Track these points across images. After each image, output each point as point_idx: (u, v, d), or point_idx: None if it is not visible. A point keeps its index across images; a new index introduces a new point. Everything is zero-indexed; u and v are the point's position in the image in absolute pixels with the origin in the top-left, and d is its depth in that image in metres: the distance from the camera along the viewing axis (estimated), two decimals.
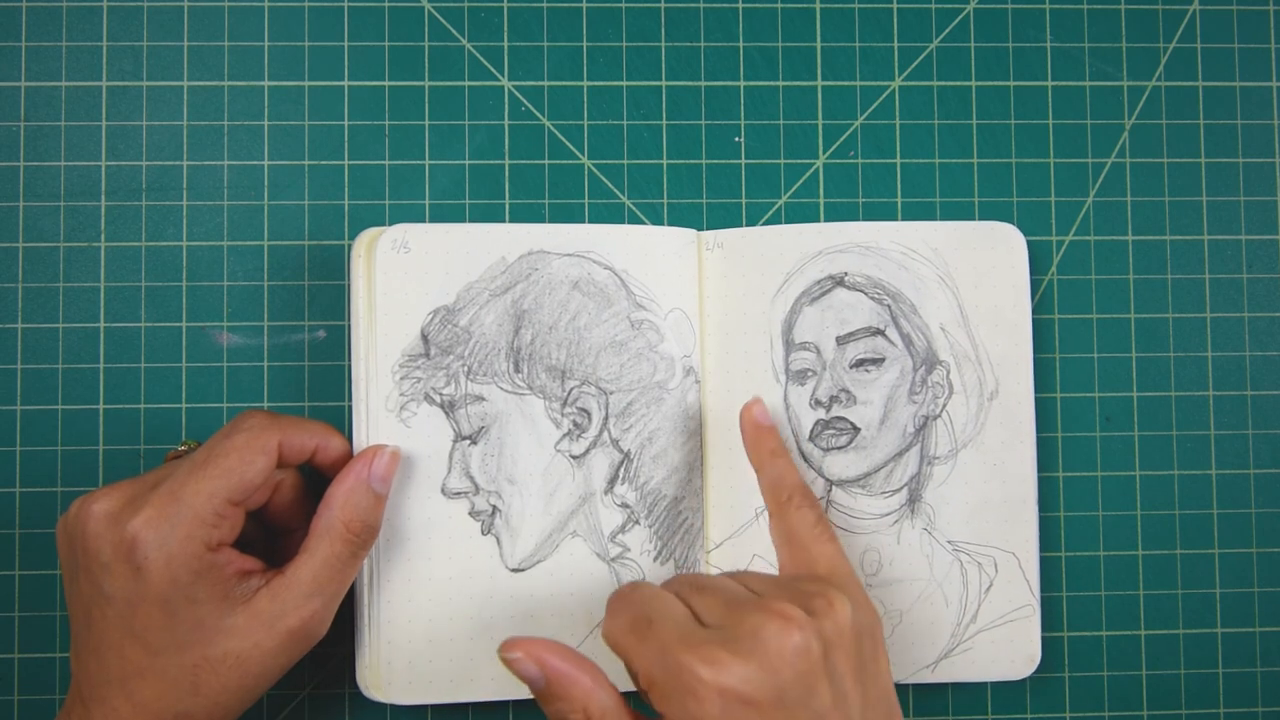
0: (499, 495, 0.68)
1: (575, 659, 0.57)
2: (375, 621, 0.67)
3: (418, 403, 0.68)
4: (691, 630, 0.55)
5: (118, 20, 0.72)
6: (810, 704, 0.54)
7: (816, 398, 0.70)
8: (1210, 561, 0.73)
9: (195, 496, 0.58)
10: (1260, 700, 0.72)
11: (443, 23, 0.73)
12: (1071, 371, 0.73)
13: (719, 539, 0.70)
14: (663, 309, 0.70)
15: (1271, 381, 0.73)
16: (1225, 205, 0.74)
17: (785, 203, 0.73)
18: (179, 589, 0.58)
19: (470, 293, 0.68)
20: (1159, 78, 0.74)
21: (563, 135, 0.73)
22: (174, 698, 0.59)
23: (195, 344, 0.71)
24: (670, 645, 0.54)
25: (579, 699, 0.56)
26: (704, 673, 0.53)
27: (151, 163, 0.72)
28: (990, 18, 0.74)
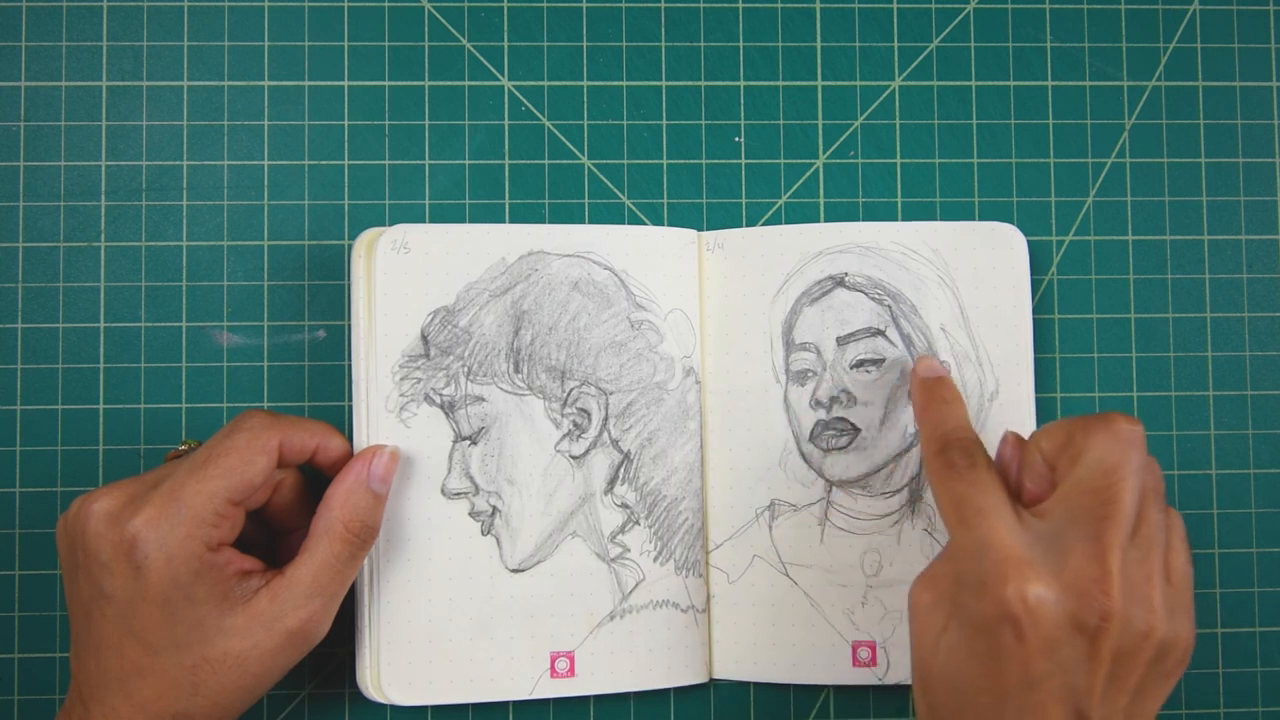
0: (499, 495, 0.68)
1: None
2: (375, 622, 0.67)
3: (418, 403, 0.68)
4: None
5: (118, 20, 0.72)
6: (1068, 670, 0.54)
7: (817, 398, 0.70)
8: (1210, 561, 0.73)
9: (195, 496, 0.58)
10: (1260, 700, 0.72)
11: (443, 23, 0.73)
12: (1071, 371, 0.73)
13: (719, 539, 0.70)
14: (663, 309, 0.70)
15: (1271, 381, 0.73)
16: (1225, 205, 0.74)
17: (785, 203, 0.73)
18: (179, 589, 0.58)
19: (470, 293, 0.68)
20: (1159, 78, 0.74)
21: (563, 135, 0.73)
22: (173, 698, 0.59)
23: (195, 344, 0.71)
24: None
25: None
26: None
27: (151, 163, 0.72)
28: (990, 18, 0.74)
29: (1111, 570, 0.54)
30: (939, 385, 0.66)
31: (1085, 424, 0.58)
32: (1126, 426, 0.58)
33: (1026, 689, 0.54)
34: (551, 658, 0.68)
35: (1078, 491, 0.57)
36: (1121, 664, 0.55)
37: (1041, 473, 0.60)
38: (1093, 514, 0.56)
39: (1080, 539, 0.55)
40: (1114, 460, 0.57)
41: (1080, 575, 0.54)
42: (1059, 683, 0.54)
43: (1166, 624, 0.55)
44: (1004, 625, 0.54)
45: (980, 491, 0.58)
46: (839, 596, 0.70)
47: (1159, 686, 0.57)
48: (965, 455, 0.60)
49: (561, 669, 0.68)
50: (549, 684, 0.68)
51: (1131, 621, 0.54)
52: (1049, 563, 0.55)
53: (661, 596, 0.69)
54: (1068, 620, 0.54)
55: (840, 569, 0.70)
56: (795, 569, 0.70)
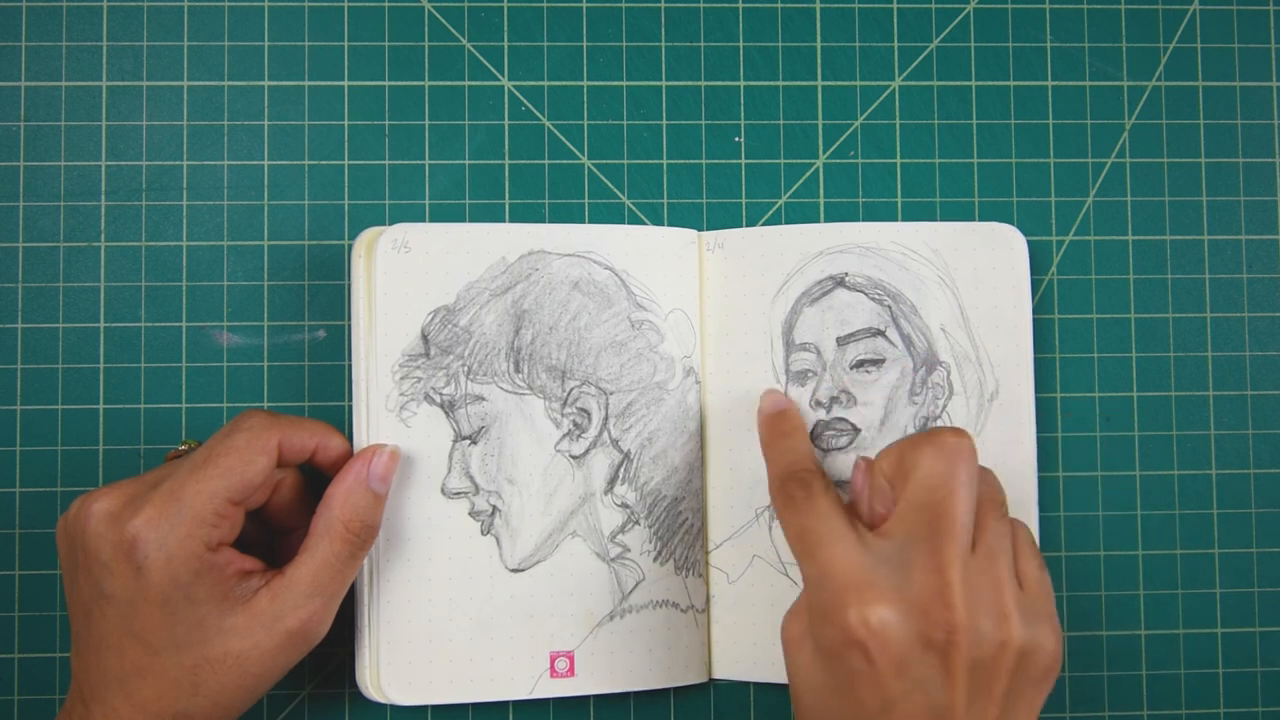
0: (499, 495, 0.68)
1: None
2: (375, 621, 0.67)
3: (418, 402, 0.68)
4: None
5: (118, 20, 0.72)
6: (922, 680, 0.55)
7: (817, 398, 0.70)
8: (1210, 561, 0.73)
9: (195, 496, 0.58)
10: (1260, 700, 0.72)
11: (443, 23, 0.73)
12: (1071, 371, 0.73)
13: (719, 539, 0.70)
14: (663, 309, 0.70)
15: (1271, 381, 0.73)
16: (1225, 205, 0.74)
17: (785, 203, 0.73)
18: (179, 589, 0.58)
19: (470, 293, 0.68)
20: (1159, 78, 0.74)
21: (563, 135, 0.73)
22: (174, 697, 0.59)
23: (195, 344, 0.71)
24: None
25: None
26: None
27: (151, 163, 0.72)
28: (990, 18, 0.74)
29: (952, 583, 0.55)
30: (779, 419, 0.67)
31: (914, 442, 0.60)
32: (952, 440, 0.59)
33: (885, 713, 0.55)
34: (551, 657, 0.68)
35: (910, 509, 0.58)
36: (980, 675, 0.55)
37: (885, 494, 0.61)
38: (927, 529, 0.57)
39: (918, 555, 0.56)
40: (941, 474, 0.58)
41: (922, 592, 0.55)
42: (918, 702, 0.54)
43: (1023, 630, 0.56)
44: (851, 650, 0.55)
45: (818, 520, 0.59)
46: None
47: (1030, 695, 0.57)
48: (802, 486, 0.61)
49: (561, 669, 0.68)
50: (549, 684, 0.68)
51: (981, 632, 0.55)
52: (891, 583, 0.56)
53: (661, 596, 0.69)
54: (915, 638, 0.54)
55: None
56: (795, 569, 0.70)
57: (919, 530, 0.57)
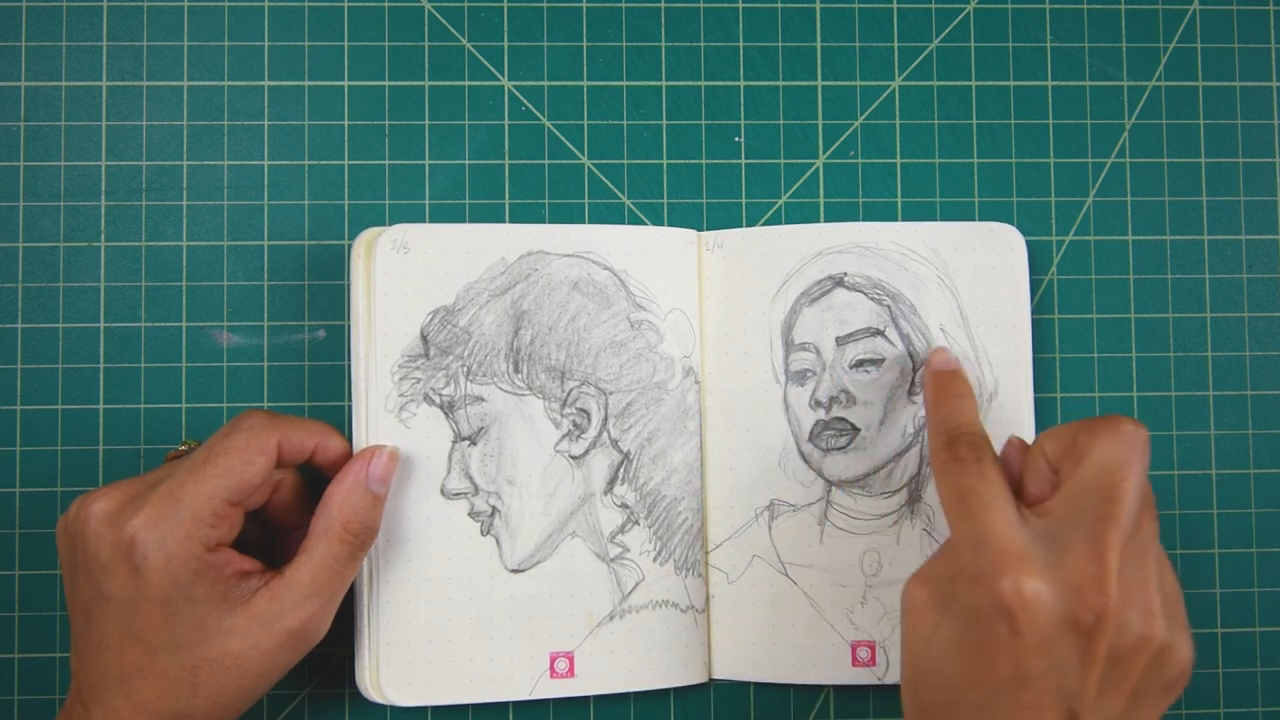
0: (498, 496, 0.68)
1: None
2: (375, 622, 0.67)
3: (417, 403, 0.68)
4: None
5: (118, 20, 0.72)
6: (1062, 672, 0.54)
7: (816, 398, 0.70)
8: (1210, 561, 0.73)
9: (194, 497, 0.58)
10: (1260, 700, 0.72)
11: (443, 23, 0.73)
12: (1071, 371, 0.73)
13: (719, 539, 0.70)
14: (662, 309, 0.70)
15: (1271, 381, 0.73)
16: (1225, 205, 0.74)
17: (785, 203, 0.73)
18: (178, 589, 0.58)
19: (470, 293, 0.68)
20: (1159, 78, 0.74)
21: (563, 135, 0.73)
22: (173, 698, 0.59)
23: (195, 344, 0.71)
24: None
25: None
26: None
27: (151, 163, 0.72)
28: (990, 18, 0.74)
29: (1110, 569, 0.54)
30: (952, 379, 0.66)
31: (1091, 426, 0.58)
32: (1132, 429, 0.57)
33: (1018, 686, 0.54)
34: (551, 658, 0.68)
35: (1080, 491, 0.57)
36: (1116, 667, 0.54)
37: (1044, 475, 0.60)
38: (1094, 513, 0.55)
39: (1080, 538, 0.55)
40: (1118, 461, 0.56)
41: (1078, 573, 0.54)
42: (1052, 682, 0.54)
43: (1165, 630, 0.55)
44: (998, 618, 0.54)
45: (985, 484, 0.58)
46: (838, 596, 0.70)
47: (1157, 698, 0.56)
48: (973, 449, 0.60)
49: (561, 669, 0.68)
50: (548, 684, 0.68)
51: (1128, 623, 0.54)
52: (1048, 559, 0.55)
53: (661, 596, 0.69)
54: (1063, 617, 0.53)
55: (840, 569, 0.70)
56: (795, 569, 0.70)
57: (1085, 513, 0.56)
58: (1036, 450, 0.61)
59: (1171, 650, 0.55)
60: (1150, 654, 0.55)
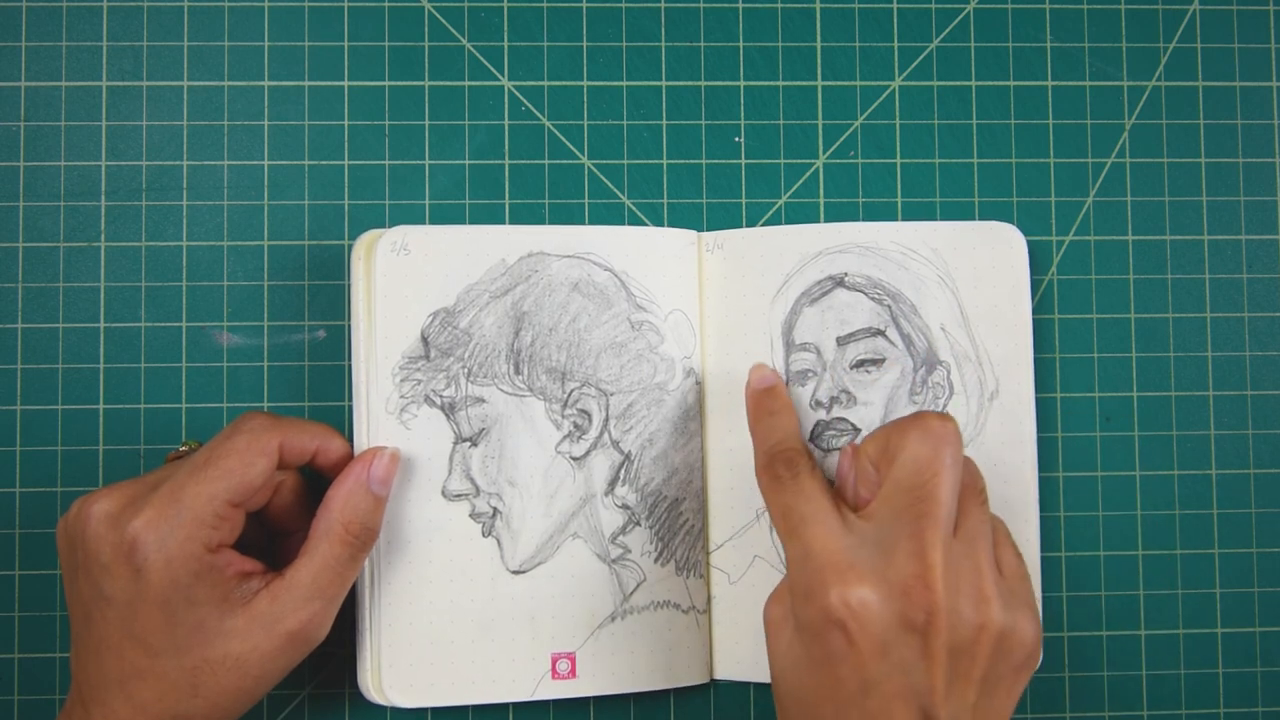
0: (499, 497, 0.68)
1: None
2: (376, 624, 0.67)
3: (418, 405, 0.68)
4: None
5: (118, 20, 0.72)
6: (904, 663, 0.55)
7: (817, 398, 0.70)
8: (1210, 561, 0.73)
9: (195, 498, 0.58)
10: (1260, 700, 0.72)
11: (443, 23, 0.73)
12: (1071, 371, 0.73)
13: (720, 540, 0.70)
14: (663, 310, 0.70)
15: (1271, 381, 0.73)
16: (1225, 205, 0.74)
17: (785, 203, 0.73)
18: (179, 590, 0.58)
19: (470, 295, 0.68)
20: (1159, 78, 0.74)
21: (563, 135, 0.73)
22: (173, 699, 0.59)
23: (195, 344, 0.71)
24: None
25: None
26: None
27: (151, 163, 0.72)
28: (990, 18, 0.74)
29: (933, 565, 0.55)
30: (767, 396, 0.67)
31: (900, 425, 0.60)
32: (937, 424, 0.59)
33: (864, 694, 0.55)
34: (553, 659, 0.68)
35: (895, 491, 0.58)
36: (960, 659, 0.55)
37: (871, 478, 0.61)
38: (911, 512, 0.57)
39: (901, 538, 0.56)
40: (926, 457, 0.57)
41: (903, 573, 0.55)
42: (898, 684, 0.54)
43: (1002, 614, 0.56)
44: (832, 630, 0.55)
45: (804, 500, 0.59)
46: None
47: (1010, 682, 0.57)
48: (788, 466, 0.62)
49: (563, 670, 0.68)
50: (550, 685, 0.68)
51: (961, 615, 0.55)
52: (873, 565, 0.56)
53: (662, 597, 0.69)
54: (895, 620, 0.54)
55: None
56: None
57: (902, 512, 0.57)
58: (861, 454, 0.62)
59: (1013, 632, 0.56)
60: (991, 640, 0.56)
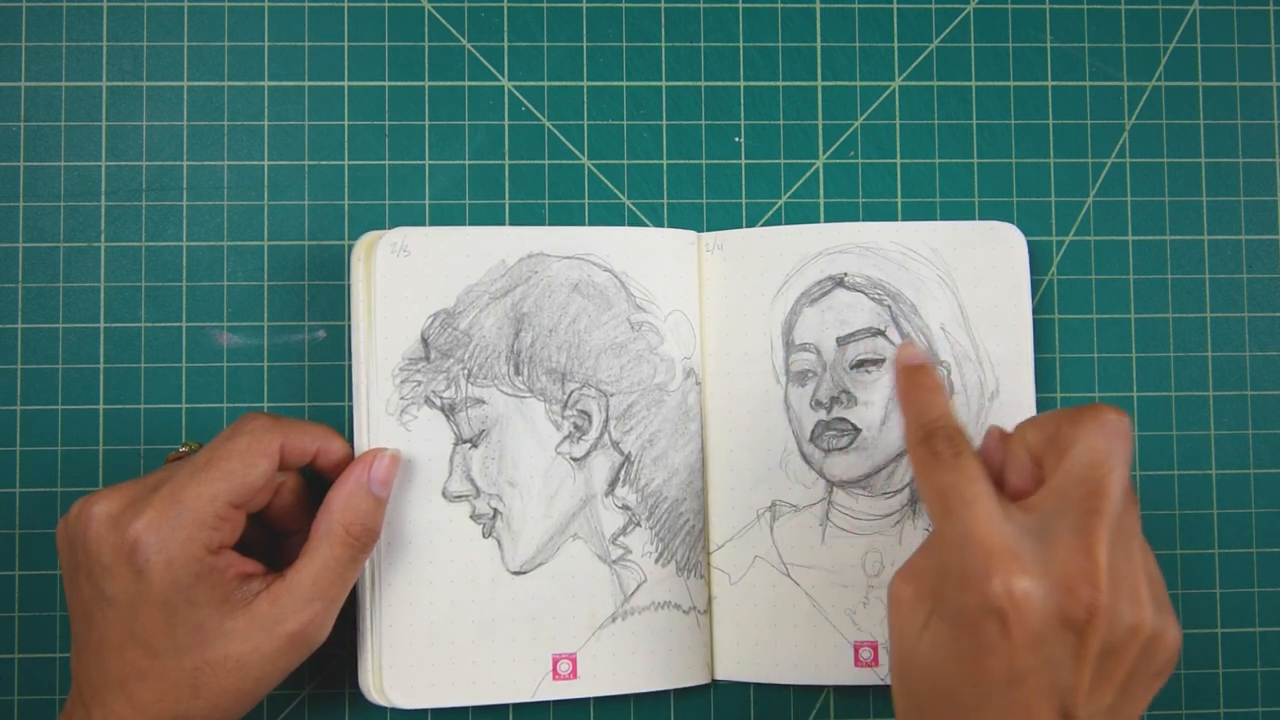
0: (500, 498, 0.68)
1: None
2: (377, 625, 0.67)
3: (418, 406, 0.68)
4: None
5: (118, 20, 0.72)
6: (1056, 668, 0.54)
7: (817, 399, 0.70)
8: (1210, 561, 0.73)
9: (197, 499, 0.58)
10: (1260, 700, 0.72)
11: (443, 23, 0.73)
12: (1071, 371, 0.73)
13: (720, 540, 0.71)
14: (663, 311, 0.70)
15: (1271, 381, 0.73)
16: (1225, 205, 0.74)
17: (785, 203, 0.73)
18: (179, 591, 0.58)
19: (470, 296, 0.68)
20: (1159, 78, 0.74)
21: (563, 135, 0.73)
22: (174, 700, 0.59)
23: (195, 344, 0.71)
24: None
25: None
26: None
27: (151, 163, 0.72)
28: (990, 18, 0.74)
29: (1099, 564, 0.53)
30: (920, 373, 0.64)
31: (1073, 416, 0.57)
32: (1114, 419, 0.57)
33: (1011, 685, 0.53)
34: (553, 660, 0.68)
35: (1065, 483, 0.56)
36: (1108, 660, 0.54)
37: (1026, 467, 0.59)
38: (1080, 507, 0.55)
39: (1067, 532, 0.54)
40: (1102, 452, 0.56)
41: (1067, 569, 0.53)
42: (1044, 679, 0.53)
43: (1155, 618, 0.54)
44: (989, 619, 0.53)
45: (965, 481, 0.57)
46: (841, 597, 0.70)
47: (1147, 686, 0.56)
48: (949, 444, 0.59)
49: (564, 671, 0.68)
50: (551, 686, 0.68)
51: (1119, 616, 0.53)
52: (1035, 556, 0.54)
53: (663, 598, 0.69)
54: (1055, 615, 0.53)
55: (842, 569, 0.70)
56: (797, 569, 0.70)
57: (1071, 506, 0.55)
58: (1017, 441, 0.60)
59: (1161, 637, 0.55)
60: (1141, 643, 0.54)
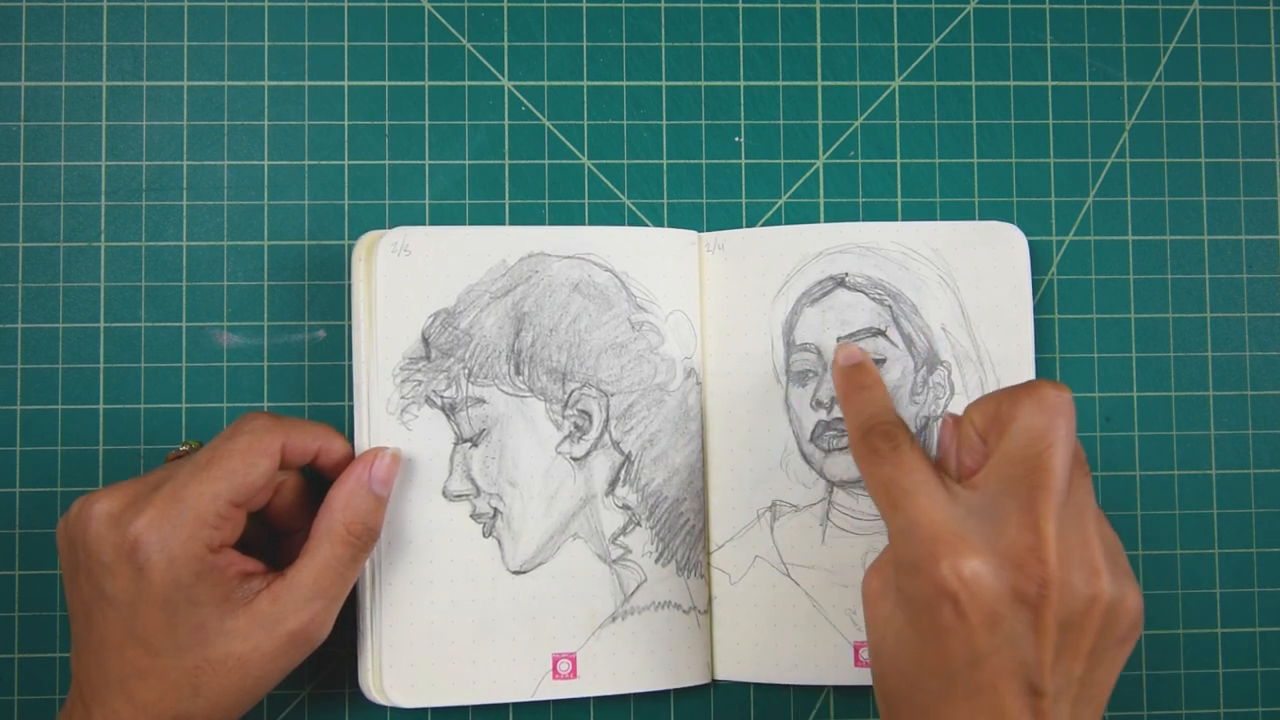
0: (500, 498, 0.68)
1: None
2: (377, 624, 0.67)
3: (419, 405, 0.68)
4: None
5: (118, 20, 0.72)
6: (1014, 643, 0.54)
7: (818, 399, 0.70)
8: (1210, 561, 0.73)
9: (198, 498, 0.58)
10: (1260, 700, 0.72)
11: (443, 23, 0.73)
12: (1071, 371, 0.73)
13: (721, 540, 0.70)
14: (663, 311, 0.70)
15: (1271, 381, 0.73)
16: (1225, 205, 0.74)
17: (785, 203, 0.73)
18: (180, 590, 0.58)
19: (471, 295, 0.68)
20: (1159, 78, 0.74)
21: (563, 135, 0.73)
22: (174, 699, 0.59)
23: (195, 344, 0.71)
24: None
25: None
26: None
27: (151, 163, 0.72)
28: (990, 18, 0.74)
29: (1047, 538, 0.54)
30: (857, 371, 0.66)
31: (1012, 394, 0.58)
32: (1053, 393, 0.57)
33: (973, 666, 0.54)
34: (554, 659, 0.68)
35: (1007, 461, 0.56)
36: (1069, 632, 0.54)
37: (976, 447, 0.60)
38: (1024, 482, 0.55)
39: (1013, 509, 0.55)
40: (1041, 427, 0.56)
41: (1015, 545, 0.54)
42: (1006, 657, 0.53)
43: (1112, 586, 0.55)
44: (942, 603, 0.54)
45: (905, 473, 0.58)
46: (841, 597, 0.70)
47: (1114, 654, 0.56)
48: (887, 439, 0.60)
49: (564, 670, 0.68)
50: (551, 685, 0.68)
51: (1073, 587, 0.54)
52: (983, 535, 0.55)
53: (663, 597, 0.69)
54: (1007, 592, 0.53)
55: (842, 569, 0.70)
56: (797, 569, 0.70)
57: (1015, 483, 0.56)
58: (965, 422, 0.60)
59: (1121, 603, 0.55)
60: (1101, 612, 0.55)
